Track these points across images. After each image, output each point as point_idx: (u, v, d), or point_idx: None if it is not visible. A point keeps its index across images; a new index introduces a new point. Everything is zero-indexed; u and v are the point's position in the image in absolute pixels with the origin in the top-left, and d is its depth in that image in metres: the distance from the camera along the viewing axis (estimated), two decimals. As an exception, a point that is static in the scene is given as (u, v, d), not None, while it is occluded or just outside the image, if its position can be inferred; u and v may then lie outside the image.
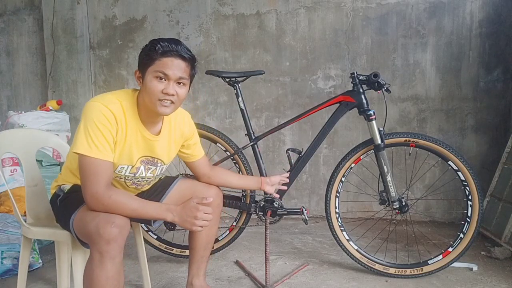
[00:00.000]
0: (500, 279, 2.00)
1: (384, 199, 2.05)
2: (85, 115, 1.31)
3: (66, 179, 1.53)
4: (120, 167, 1.42)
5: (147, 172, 1.52)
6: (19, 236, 2.09)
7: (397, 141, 2.00)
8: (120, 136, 1.36)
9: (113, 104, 1.34)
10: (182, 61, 1.36)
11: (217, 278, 2.06)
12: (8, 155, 2.42)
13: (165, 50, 1.33)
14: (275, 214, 2.12)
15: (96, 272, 1.20)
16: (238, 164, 2.20)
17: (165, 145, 1.52)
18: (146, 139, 1.44)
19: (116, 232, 1.21)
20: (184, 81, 1.38)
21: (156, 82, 1.34)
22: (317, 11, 3.07)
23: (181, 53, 1.35)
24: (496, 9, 2.85)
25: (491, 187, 2.62)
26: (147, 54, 1.35)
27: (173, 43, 1.34)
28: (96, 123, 1.29)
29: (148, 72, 1.35)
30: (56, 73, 3.47)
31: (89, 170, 1.28)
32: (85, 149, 1.28)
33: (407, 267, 2.03)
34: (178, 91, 1.37)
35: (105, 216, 1.24)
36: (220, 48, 3.24)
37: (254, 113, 3.19)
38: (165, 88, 1.34)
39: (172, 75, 1.34)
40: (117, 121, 1.34)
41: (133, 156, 1.43)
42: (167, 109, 1.37)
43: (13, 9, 3.60)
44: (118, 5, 3.36)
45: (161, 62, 1.33)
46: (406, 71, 2.99)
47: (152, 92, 1.34)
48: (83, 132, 1.29)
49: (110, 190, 1.30)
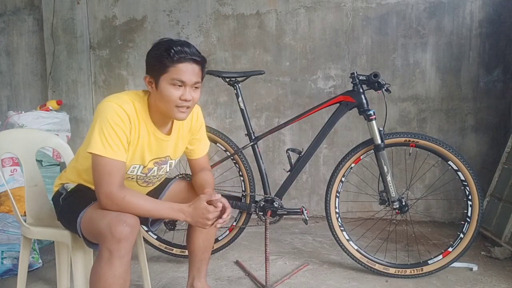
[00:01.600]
0: (500, 279, 2.00)
1: (384, 199, 2.05)
2: (100, 115, 1.30)
3: (71, 178, 1.53)
4: (132, 167, 1.43)
5: (159, 171, 1.54)
6: (19, 236, 2.08)
7: (397, 141, 2.00)
8: (134, 136, 1.37)
9: (127, 104, 1.34)
10: (196, 65, 1.35)
11: (217, 278, 2.06)
12: (8, 155, 2.42)
13: (180, 57, 1.31)
14: (275, 214, 2.12)
15: (104, 270, 1.21)
16: (238, 164, 2.20)
17: (175, 143, 1.53)
18: (158, 140, 1.45)
19: (128, 231, 1.22)
20: (198, 85, 1.39)
21: (173, 90, 1.33)
22: (317, 11, 3.07)
23: (194, 57, 1.33)
24: (496, 9, 2.85)
25: (491, 187, 2.62)
26: (160, 61, 1.32)
27: (185, 47, 1.32)
28: (111, 123, 1.29)
29: (163, 79, 1.33)
30: (56, 73, 3.47)
31: (104, 170, 1.29)
32: (100, 149, 1.28)
33: (407, 267, 2.03)
34: (194, 96, 1.37)
35: (117, 215, 1.25)
36: (220, 48, 3.24)
37: (254, 113, 3.19)
38: (182, 95, 1.33)
39: (189, 81, 1.33)
40: (131, 121, 1.34)
41: (146, 157, 1.44)
42: (184, 114, 1.38)
43: (13, 9, 3.60)
44: (118, 5, 3.36)
45: (176, 68, 1.31)
46: (406, 71, 2.99)
47: (169, 100, 1.33)
48: (98, 132, 1.29)
49: (124, 191, 1.31)
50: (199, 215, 1.34)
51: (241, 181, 2.22)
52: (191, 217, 1.35)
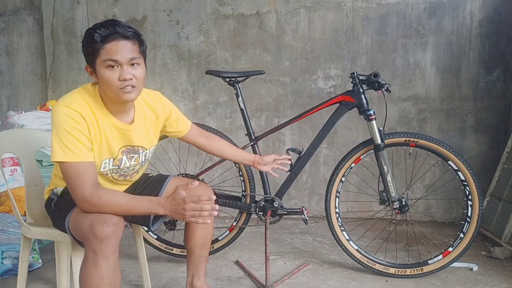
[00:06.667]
0: (500, 279, 2.00)
1: (384, 199, 2.05)
2: (53, 121, 1.28)
3: (57, 183, 1.53)
4: (103, 163, 1.41)
5: (130, 161, 1.50)
6: (19, 236, 2.08)
7: (397, 141, 2.00)
8: (94, 132, 1.34)
9: (76, 102, 1.30)
10: (127, 41, 1.28)
11: (217, 278, 2.06)
12: (8, 155, 2.42)
13: (104, 36, 1.25)
14: (275, 214, 2.12)
15: (90, 271, 1.20)
16: (238, 164, 2.19)
17: (142, 132, 1.50)
18: (120, 130, 1.41)
19: (109, 230, 1.20)
20: (137, 61, 1.31)
21: (110, 72, 1.28)
22: (317, 11, 3.07)
23: (122, 33, 1.27)
24: (496, 9, 2.85)
25: (491, 187, 2.62)
26: (88, 46, 1.27)
27: (109, 26, 1.26)
28: (65, 127, 1.27)
29: (98, 64, 1.28)
30: (56, 73, 3.47)
31: (71, 175, 1.27)
32: (61, 155, 1.26)
33: (407, 267, 2.03)
34: (134, 73, 1.30)
35: (98, 215, 1.24)
36: (220, 48, 3.24)
37: (254, 113, 3.19)
38: (121, 75, 1.28)
39: (122, 59, 1.27)
40: (86, 119, 1.31)
41: (113, 148, 1.41)
42: (131, 94, 1.32)
43: (13, 9, 3.60)
44: (118, 5, 3.36)
45: (105, 49, 1.26)
46: (406, 71, 2.99)
47: (109, 84, 1.28)
48: (55, 139, 1.27)
49: (98, 191, 1.29)
50: (176, 207, 1.28)
51: (241, 181, 2.22)
52: (169, 209, 1.29)
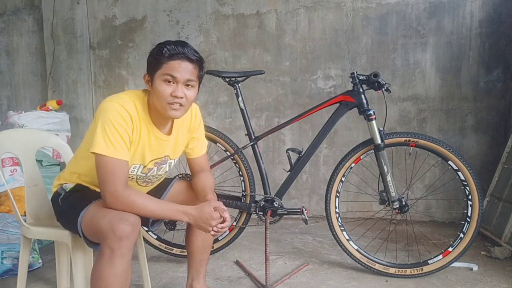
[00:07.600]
0: (500, 279, 2.00)
1: (384, 199, 2.05)
2: (102, 115, 1.32)
3: (69, 179, 1.53)
4: (133, 166, 1.44)
5: (159, 171, 1.55)
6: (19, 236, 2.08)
7: (397, 141, 2.00)
8: (135, 135, 1.38)
9: (128, 104, 1.36)
10: (190, 63, 1.37)
11: (217, 278, 2.06)
12: (8, 155, 2.42)
13: (172, 53, 1.34)
14: (275, 214, 2.12)
15: (106, 268, 1.22)
16: (238, 164, 2.20)
17: (175, 143, 1.54)
18: (158, 139, 1.46)
19: (129, 229, 1.23)
20: (193, 83, 1.39)
21: (165, 86, 1.35)
22: (317, 11, 3.07)
23: (188, 55, 1.36)
24: (496, 9, 2.85)
25: (491, 187, 2.62)
26: (154, 58, 1.36)
27: (179, 46, 1.35)
28: (113, 123, 1.30)
29: (157, 76, 1.36)
30: (56, 73, 3.47)
31: (107, 169, 1.30)
32: (103, 148, 1.29)
33: (407, 267, 2.03)
34: (186, 94, 1.37)
35: (118, 214, 1.26)
36: (220, 48, 3.24)
37: (254, 113, 3.19)
38: (173, 91, 1.35)
39: (180, 77, 1.35)
40: (133, 121, 1.36)
41: (146, 157, 1.45)
42: (177, 112, 1.39)
43: (13, 9, 3.60)
44: (118, 5, 3.36)
45: (168, 65, 1.34)
46: (406, 71, 2.99)
47: (161, 96, 1.35)
48: (100, 131, 1.30)
49: (129, 190, 1.32)
50: (203, 219, 1.36)
51: (241, 181, 2.22)
52: (195, 220, 1.37)
